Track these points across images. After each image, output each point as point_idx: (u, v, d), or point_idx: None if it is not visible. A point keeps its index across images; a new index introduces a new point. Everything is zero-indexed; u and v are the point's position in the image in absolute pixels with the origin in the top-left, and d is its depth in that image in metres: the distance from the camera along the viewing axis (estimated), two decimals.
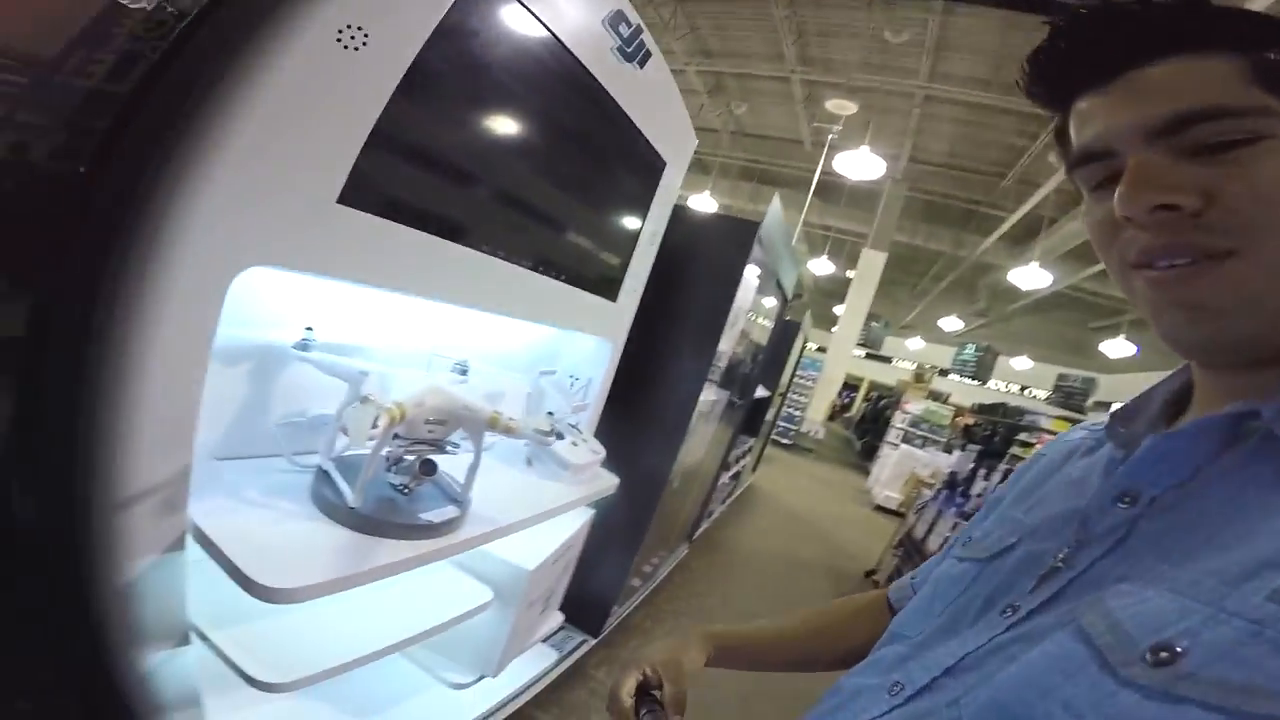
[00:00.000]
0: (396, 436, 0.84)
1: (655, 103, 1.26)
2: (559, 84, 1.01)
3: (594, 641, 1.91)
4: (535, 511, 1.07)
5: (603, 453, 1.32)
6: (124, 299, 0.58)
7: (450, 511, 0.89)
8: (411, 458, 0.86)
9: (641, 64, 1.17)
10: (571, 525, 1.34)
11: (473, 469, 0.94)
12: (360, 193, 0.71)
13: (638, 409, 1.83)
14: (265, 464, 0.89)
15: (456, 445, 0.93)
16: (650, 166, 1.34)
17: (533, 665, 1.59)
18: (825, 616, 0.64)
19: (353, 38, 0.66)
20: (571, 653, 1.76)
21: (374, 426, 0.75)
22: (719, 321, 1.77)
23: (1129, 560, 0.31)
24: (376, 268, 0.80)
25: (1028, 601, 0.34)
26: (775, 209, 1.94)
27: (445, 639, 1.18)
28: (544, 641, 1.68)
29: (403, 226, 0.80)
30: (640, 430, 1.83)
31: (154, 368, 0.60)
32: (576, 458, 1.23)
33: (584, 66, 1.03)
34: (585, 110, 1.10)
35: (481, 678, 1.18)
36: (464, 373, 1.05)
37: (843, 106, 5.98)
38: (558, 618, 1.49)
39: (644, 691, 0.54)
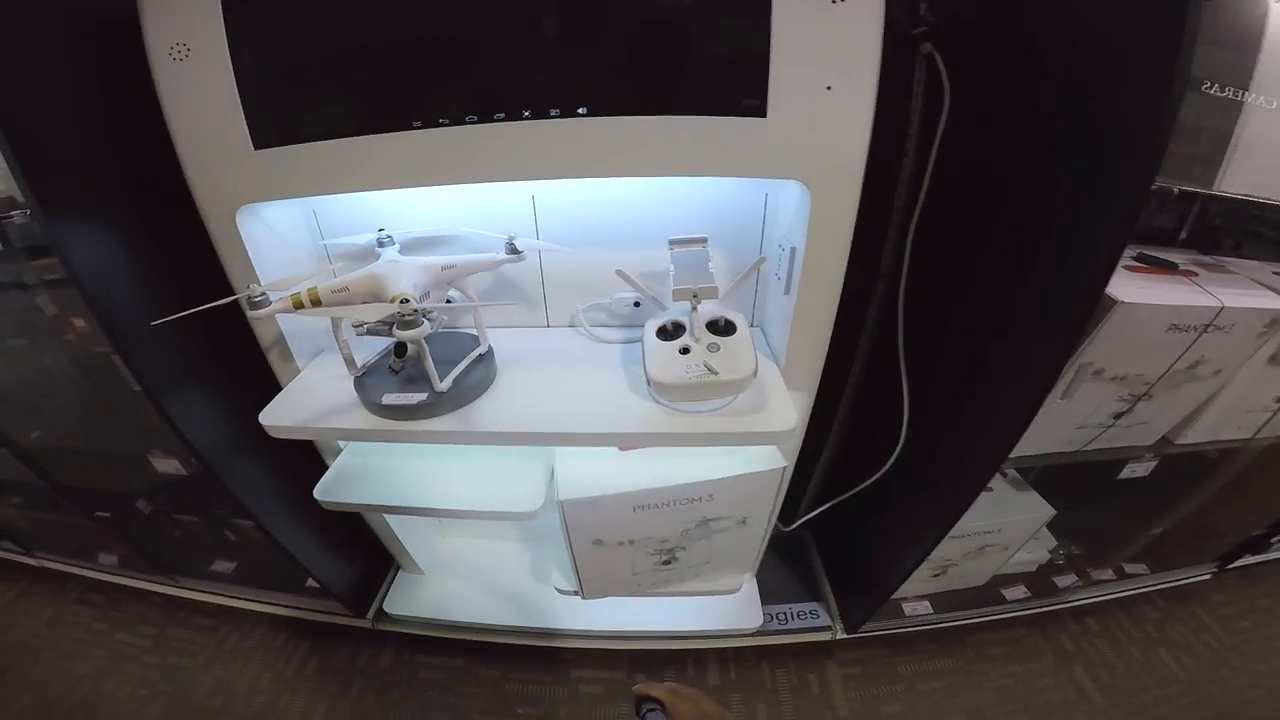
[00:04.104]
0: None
1: None
2: None
3: (840, 635, 1.33)
4: (530, 429, 0.77)
5: (735, 374, 0.74)
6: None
7: (410, 398, 0.77)
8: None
9: None
10: (715, 469, 0.88)
11: (433, 358, 0.77)
12: (268, 133, 0.70)
13: (944, 318, 0.94)
14: None
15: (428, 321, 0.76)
16: None
17: (714, 615, 1.32)
18: None
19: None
20: (791, 631, 1.31)
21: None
22: (1154, 125, 0.57)
23: None
24: (340, 180, 0.73)
25: None
26: None
27: None
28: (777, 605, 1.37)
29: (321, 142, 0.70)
30: (950, 356, 0.93)
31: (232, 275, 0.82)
32: (664, 371, 0.77)
33: None
34: None
35: (576, 594, 1.05)
36: (515, 251, 0.82)
37: None
38: (731, 581, 1.10)
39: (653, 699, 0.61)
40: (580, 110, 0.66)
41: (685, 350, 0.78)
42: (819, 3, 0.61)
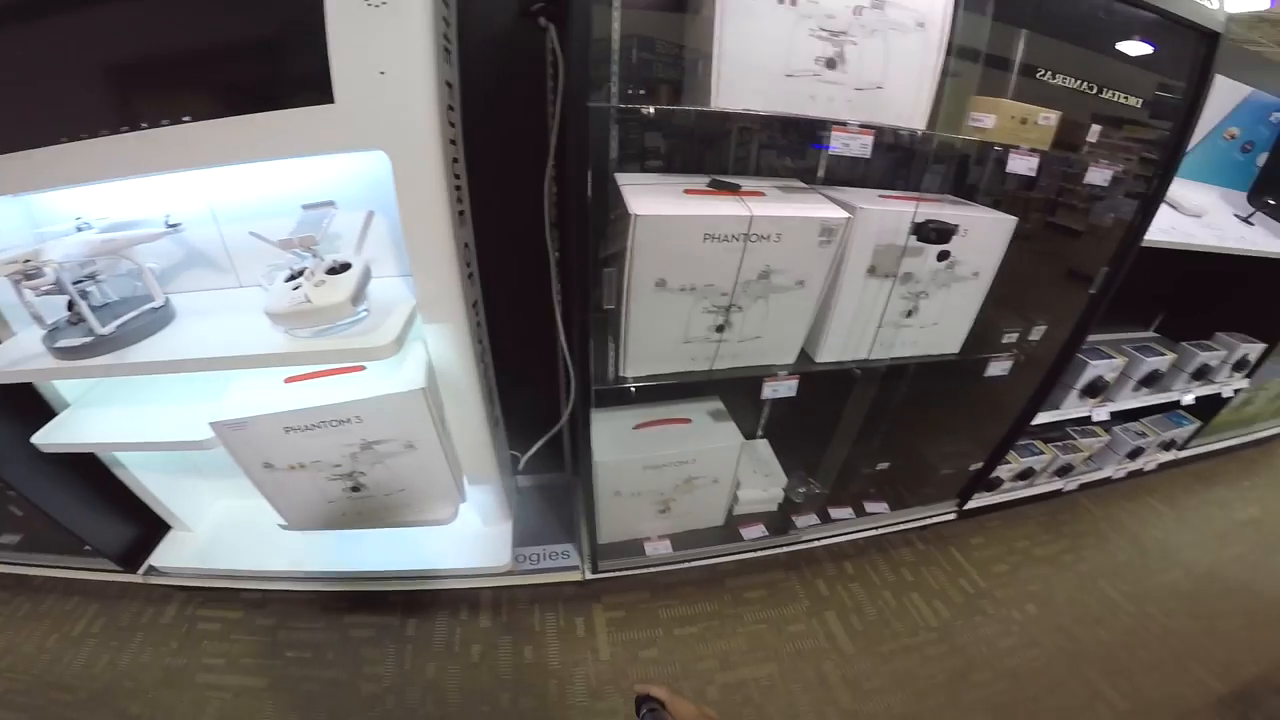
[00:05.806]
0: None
1: None
2: None
3: (589, 575, 1.48)
4: (180, 356, 0.98)
5: (328, 300, 0.94)
6: None
7: (76, 341, 0.97)
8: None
9: None
10: (355, 392, 1.06)
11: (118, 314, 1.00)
12: None
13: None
14: None
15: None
16: None
17: (467, 554, 1.45)
18: None
19: None
20: (542, 570, 1.47)
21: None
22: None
23: None
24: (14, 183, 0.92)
25: None
26: None
27: None
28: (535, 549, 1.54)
29: None
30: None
31: None
32: (273, 303, 0.96)
33: None
34: None
35: (287, 527, 1.23)
36: (173, 226, 1.04)
37: None
38: (443, 510, 1.27)
39: (653, 699, 0.64)
40: (185, 118, 0.87)
41: (297, 288, 0.99)
42: (360, 10, 0.82)
